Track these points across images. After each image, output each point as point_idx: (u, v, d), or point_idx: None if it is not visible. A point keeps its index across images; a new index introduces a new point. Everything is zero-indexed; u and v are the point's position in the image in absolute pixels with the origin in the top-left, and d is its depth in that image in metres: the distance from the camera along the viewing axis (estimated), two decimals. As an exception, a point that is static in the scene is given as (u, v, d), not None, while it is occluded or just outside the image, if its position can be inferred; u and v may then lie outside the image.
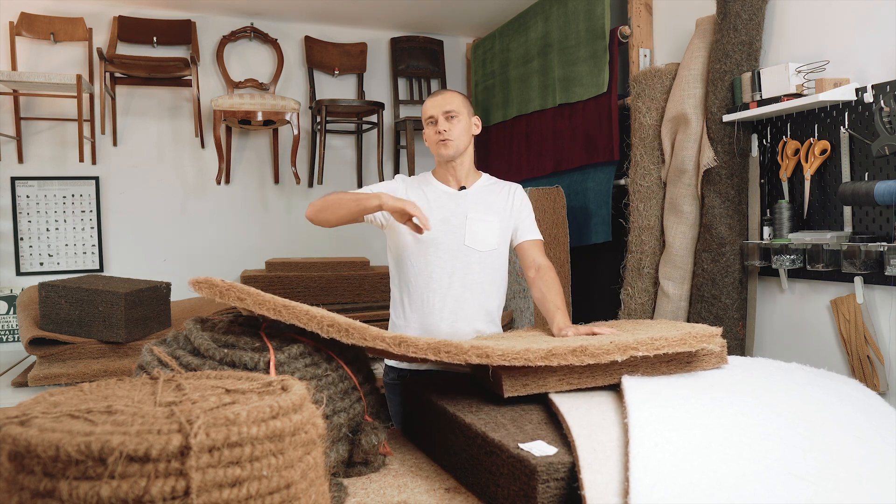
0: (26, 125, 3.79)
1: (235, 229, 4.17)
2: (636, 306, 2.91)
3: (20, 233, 3.79)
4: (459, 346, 1.34)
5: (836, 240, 2.14)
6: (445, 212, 2.07)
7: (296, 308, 1.36)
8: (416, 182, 2.16)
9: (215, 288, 1.38)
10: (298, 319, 1.35)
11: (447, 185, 2.13)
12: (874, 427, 1.27)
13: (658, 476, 1.02)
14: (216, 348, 1.36)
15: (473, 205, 2.08)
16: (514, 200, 2.14)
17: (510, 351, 1.32)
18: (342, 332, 1.34)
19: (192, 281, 1.40)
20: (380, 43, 4.49)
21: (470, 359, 1.32)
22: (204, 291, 1.38)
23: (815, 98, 2.17)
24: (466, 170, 2.13)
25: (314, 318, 1.35)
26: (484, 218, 2.07)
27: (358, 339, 1.35)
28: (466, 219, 2.06)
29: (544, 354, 1.32)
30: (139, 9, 3.95)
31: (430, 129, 2.08)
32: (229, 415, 0.76)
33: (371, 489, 1.31)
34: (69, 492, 0.70)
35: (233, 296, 1.37)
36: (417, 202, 2.06)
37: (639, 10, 3.14)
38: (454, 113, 2.05)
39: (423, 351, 1.34)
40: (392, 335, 1.36)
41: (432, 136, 2.07)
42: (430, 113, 2.07)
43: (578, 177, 3.48)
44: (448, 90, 2.13)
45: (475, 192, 2.12)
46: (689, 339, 1.39)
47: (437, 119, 2.05)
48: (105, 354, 2.41)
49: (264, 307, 1.36)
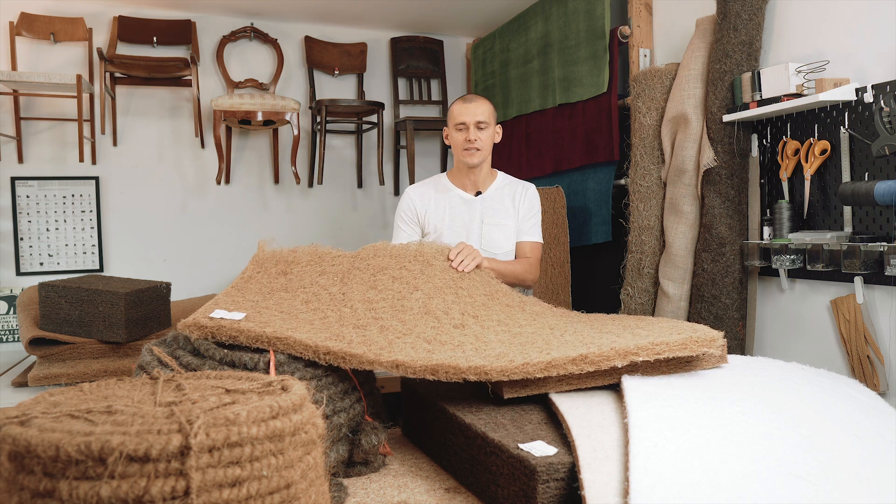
0: (26, 125, 3.79)
1: (235, 229, 4.17)
2: (636, 306, 2.91)
3: (20, 233, 3.79)
4: (457, 366, 1.34)
5: (836, 240, 2.14)
6: (464, 218, 2.21)
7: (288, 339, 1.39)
8: (430, 189, 2.25)
9: (205, 330, 1.42)
10: (294, 351, 1.39)
11: (464, 189, 2.24)
12: (874, 427, 1.27)
13: (658, 476, 1.02)
14: (216, 348, 1.36)
15: (490, 209, 2.21)
16: (523, 202, 2.25)
17: (508, 367, 1.32)
18: (339, 360, 1.38)
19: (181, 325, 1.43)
20: (380, 43, 4.49)
21: (468, 377, 1.33)
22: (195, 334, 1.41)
23: (815, 98, 2.17)
24: (484, 174, 2.25)
25: (308, 347, 1.39)
26: (499, 222, 2.21)
27: (356, 365, 1.39)
28: (483, 224, 2.18)
29: (543, 367, 1.32)
30: (139, 9, 3.95)
31: (459, 135, 2.18)
32: (229, 415, 0.76)
33: (371, 489, 1.31)
34: (69, 492, 0.70)
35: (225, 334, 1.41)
36: (435, 210, 2.21)
37: (639, 10, 3.14)
38: (485, 124, 2.17)
39: (420, 373, 1.36)
40: (389, 359, 1.38)
41: (461, 142, 2.17)
42: (462, 119, 2.16)
43: (578, 177, 3.48)
44: (480, 98, 2.23)
45: (491, 196, 2.24)
46: (691, 343, 1.38)
47: (469, 127, 2.15)
48: (105, 354, 2.41)
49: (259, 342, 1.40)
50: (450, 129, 2.21)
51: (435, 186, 2.26)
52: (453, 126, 2.20)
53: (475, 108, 2.17)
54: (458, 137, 2.18)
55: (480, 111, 2.17)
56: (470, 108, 2.17)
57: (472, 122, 2.15)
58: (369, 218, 4.47)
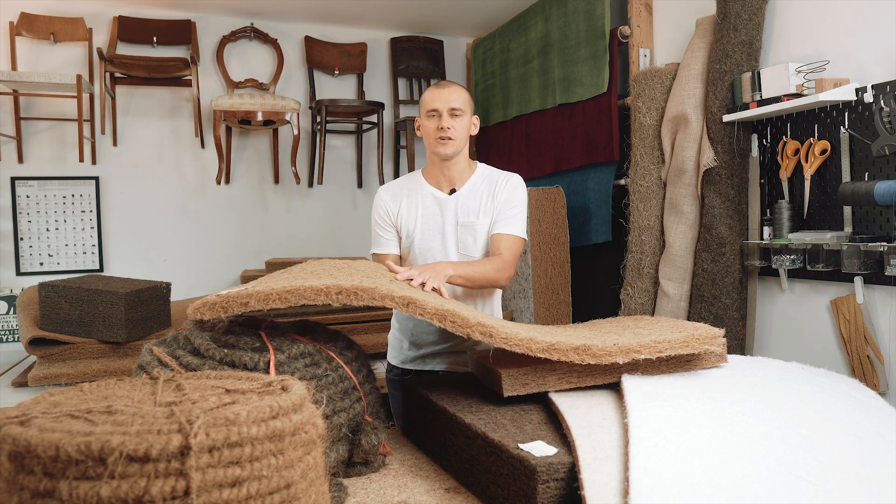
0: (26, 125, 3.79)
1: (235, 229, 4.17)
2: (636, 306, 2.91)
3: (20, 233, 3.79)
4: (465, 318, 1.33)
5: (836, 240, 2.14)
6: (436, 219, 1.99)
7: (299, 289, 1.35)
8: (403, 187, 2.05)
9: (215, 307, 1.38)
10: (306, 299, 1.35)
11: (438, 187, 2.02)
12: (874, 427, 1.27)
13: (658, 476, 1.02)
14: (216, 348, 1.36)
15: (464, 207, 1.98)
16: (500, 194, 1.99)
17: (514, 336, 1.31)
18: (351, 297, 1.34)
19: (191, 310, 1.39)
20: (380, 43, 4.49)
21: (473, 333, 1.32)
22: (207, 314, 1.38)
23: (815, 98, 2.17)
24: (460, 169, 2.01)
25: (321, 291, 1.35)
26: (474, 221, 1.97)
27: (368, 300, 1.35)
28: (458, 225, 1.97)
29: (546, 347, 1.31)
30: (139, 9, 3.95)
31: (430, 122, 1.96)
32: (229, 415, 0.76)
33: (371, 489, 1.31)
34: (69, 492, 0.70)
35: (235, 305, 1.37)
36: (407, 211, 2.00)
37: (639, 10, 3.14)
38: (459, 112, 1.95)
39: (429, 315, 1.34)
40: (401, 295, 1.36)
41: (432, 130, 1.95)
42: (433, 105, 1.95)
43: (578, 177, 3.48)
44: (453, 84, 2.01)
45: (465, 193, 2.00)
46: (692, 341, 1.38)
47: (442, 114, 1.94)
48: (105, 354, 2.41)
49: (270, 301, 1.36)
50: (421, 119, 1.99)
51: (408, 185, 2.05)
52: (425, 114, 1.97)
53: (448, 95, 1.94)
54: (430, 126, 1.95)
55: (454, 97, 1.94)
56: (443, 94, 1.94)
57: (446, 109, 1.93)
58: (369, 218, 4.44)
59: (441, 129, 1.93)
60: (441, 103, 1.94)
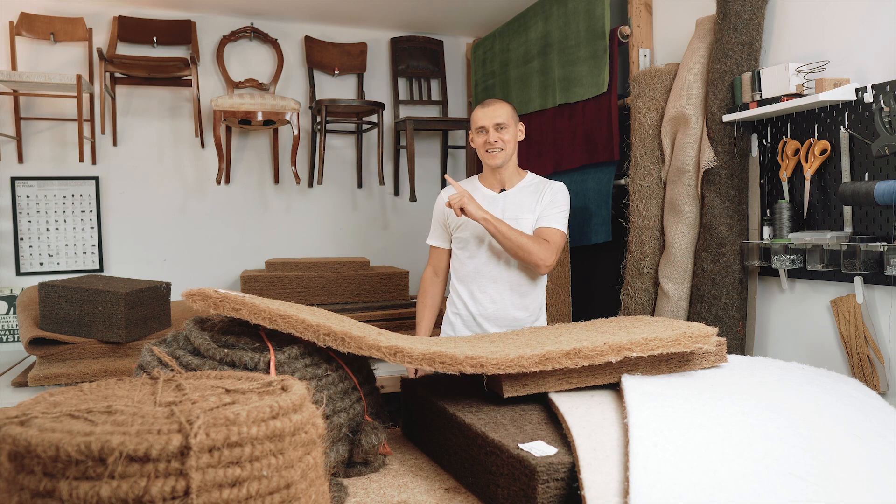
0: (26, 125, 3.79)
1: (235, 229, 4.17)
2: (636, 306, 2.91)
3: (20, 233, 3.78)
4: (454, 356, 1.34)
5: (836, 240, 2.14)
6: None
7: (292, 318, 1.37)
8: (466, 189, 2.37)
9: (209, 300, 1.40)
10: (294, 329, 1.37)
11: (491, 188, 2.38)
12: (874, 427, 1.27)
13: (658, 476, 1.02)
14: (216, 348, 1.36)
15: (512, 205, 2.32)
16: (545, 196, 2.33)
17: (504, 359, 1.32)
18: (338, 342, 1.37)
19: (186, 294, 1.43)
20: (380, 43, 4.49)
21: (465, 369, 1.33)
22: (198, 304, 1.40)
23: (815, 98, 2.17)
24: (510, 173, 2.36)
25: (310, 327, 1.37)
26: (519, 216, 2.29)
27: (354, 349, 1.37)
28: (504, 219, 2.26)
29: (538, 360, 1.33)
30: (139, 9, 3.95)
31: (479, 138, 2.32)
32: (229, 415, 0.76)
33: (371, 489, 1.31)
34: (69, 492, 0.70)
35: (227, 307, 1.39)
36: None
37: (639, 10, 3.14)
38: (504, 125, 2.29)
39: (417, 361, 1.35)
40: (388, 345, 1.38)
41: (481, 144, 2.31)
42: (481, 123, 2.30)
43: (578, 177, 3.48)
44: (497, 101, 2.35)
45: (514, 193, 2.35)
46: (685, 339, 1.39)
47: (489, 130, 2.28)
48: (105, 354, 2.41)
49: (260, 317, 1.37)
50: (472, 134, 2.36)
51: (469, 187, 2.39)
52: (475, 131, 2.34)
53: (492, 112, 2.30)
54: (479, 140, 2.32)
55: (498, 114, 2.29)
56: (487, 112, 2.30)
57: (491, 125, 2.28)
58: (369, 218, 4.47)
59: (488, 143, 2.29)
60: (487, 120, 2.30)
